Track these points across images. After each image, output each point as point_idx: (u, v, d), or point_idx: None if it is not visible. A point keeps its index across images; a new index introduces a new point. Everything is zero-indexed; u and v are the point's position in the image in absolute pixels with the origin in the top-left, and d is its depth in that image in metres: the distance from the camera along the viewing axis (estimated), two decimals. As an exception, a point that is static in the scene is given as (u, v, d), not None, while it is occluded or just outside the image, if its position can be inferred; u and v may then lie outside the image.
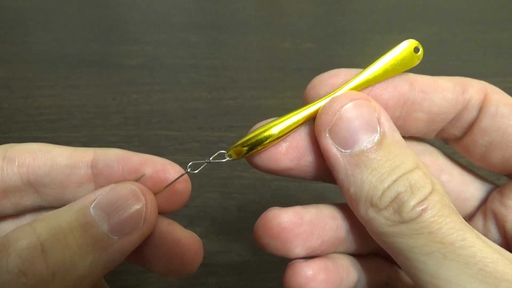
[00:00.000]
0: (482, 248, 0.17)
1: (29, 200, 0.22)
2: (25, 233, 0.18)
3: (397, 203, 0.18)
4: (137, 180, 0.21)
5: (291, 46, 0.69)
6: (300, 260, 0.23)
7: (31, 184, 0.22)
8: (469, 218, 0.24)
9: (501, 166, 0.22)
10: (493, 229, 0.23)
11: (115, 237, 0.20)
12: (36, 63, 0.63)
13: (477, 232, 0.18)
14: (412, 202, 0.18)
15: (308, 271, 0.22)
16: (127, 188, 0.21)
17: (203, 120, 0.53)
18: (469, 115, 0.22)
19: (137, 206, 0.20)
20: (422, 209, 0.18)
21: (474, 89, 0.22)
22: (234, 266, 0.38)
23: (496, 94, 0.22)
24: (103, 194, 0.20)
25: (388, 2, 0.85)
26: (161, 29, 0.72)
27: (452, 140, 0.24)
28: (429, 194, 0.18)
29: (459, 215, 0.18)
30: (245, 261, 0.38)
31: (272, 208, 0.23)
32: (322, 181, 0.24)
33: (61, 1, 0.81)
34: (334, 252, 0.24)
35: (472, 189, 0.24)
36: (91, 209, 0.20)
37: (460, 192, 0.24)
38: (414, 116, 0.22)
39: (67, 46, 0.67)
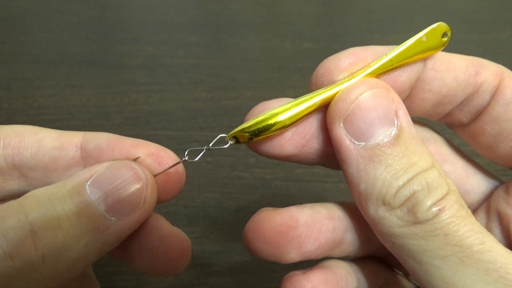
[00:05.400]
0: (503, 253, 0.16)
1: (14, 184, 0.20)
2: (12, 211, 0.17)
3: (412, 202, 0.17)
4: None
5: (291, 46, 0.69)
6: (298, 272, 0.22)
7: (16, 167, 0.20)
8: None
9: (508, 158, 0.21)
10: (496, 230, 0.22)
11: (112, 218, 0.18)
12: (36, 63, 0.63)
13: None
14: (429, 202, 0.17)
15: (307, 284, 0.21)
16: (127, 166, 0.19)
17: (203, 120, 0.53)
18: (480, 100, 0.20)
19: (137, 186, 0.19)
20: (439, 209, 0.16)
21: (489, 73, 0.20)
22: (234, 266, 0.38)
23: None
24: (100, 171, 0.19)
25: (388, 2, 0.85)
26: (161, 29, 0.72)
27: (458, 126, 0.22)
28: (446, 194, 0.17)
29: (475, 219, 0.17)
30: (245, 261, 0.38)
31: (264, 209, 0.21)
32: (322, 166, 0.22)
33: (61, 1, 0.81)
34: (330, 256, 0.23)
35: (474, 182, 0.23)
36: (86, 187, 0.18)
37: (461, 184, 0.23)
38: (422, 97, 0.20)
39: (67, 46, 0.67)
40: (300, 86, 0.58)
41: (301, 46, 0.69)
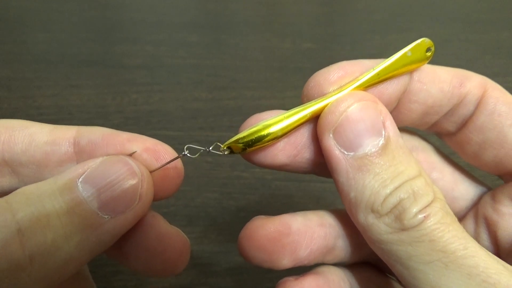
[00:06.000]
0: (485, 258, 0.16)
1: (4, 180, 0.20)
2: None
3: (399, 210, 0.17)
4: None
5: (291, 46, 0.69)
6: (291, 278, 0.22)
7: (7, 163, 0.19)
8: (458, 220, 0.24)
9: (493, 165, 0.22)
10: (484, 235, 0.22)
11: (106, 216, 0.17)
12: (36, 63, 0.63)
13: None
14: (415, 209, 0.17)
15: None
16: (121, 161, 0.18)
17: (203, 120, 0.53)
18: (465, 110, 0.21)
19: (132, 182, 0.18)
20: (424, 216, 0.17)
21: (473, 84, 0.21)
22: (234, 266, 0.38)
23: (496, 91, 0.21)
24: (93, 167, 0.18)
25: (388, 2, 0.85)
26: (161, 29, 0.72)
27: (445, 135, 0.23)
28: (431, 202, 0.17)
29: (460, 225, 0.18)
30: (245, 261, 0.38)
31: (257, 217, 0.22)
32: (315, 175, 0.23)
33: (61, 1, 0.81)
34: (322, 262, 0.23)
35: (462, 189, 0.24)
36: (78, 184, 0.17)
37: (449, 191, 0.24)
38: (409, 107, 0.21)
39: (67, 46, 0.67)
40: (300, 86, 0.57)
41: (301, 46, 0.69)
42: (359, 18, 0.80)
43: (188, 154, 0.21)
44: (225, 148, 0.21)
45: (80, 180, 0.18)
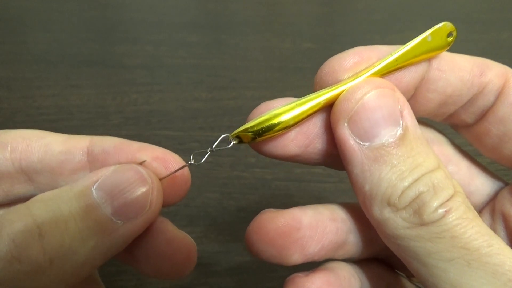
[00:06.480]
0: (511, 256, 0.16)
1: (21, 188, 0.21)
2: (20, 214, 0.17)
3: (418, 204, 0.17)
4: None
5: (291, 46, 0.69)
6: (300, 274, 0.21)
7: (24, 171, 0.20)
8: None
9: None
10: (501, 232, 0.21)
11: (119, 222, 0.18)
12: (36, 63, 0.63)
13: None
14: (435, 203, 0.16)
15: (310, 286, 0.21)
16: (133, 169, 0.19)
17: (203, 120, 0.53)
18: (485, 101, 0.20)
19: (143, 189, 0.19)
20: (445, 211, 0.16)
21: (494, 73, 0.20)
22: (234, 266, 0.38)
23: None
24: (106, 175, 0.19)
25: (388, 2, 0.85)
26: (161, 29, 0.72)
27: (462, 127, 0.22)
28: (452, 196, 0.17)
29: (482, 221, 0.17)
30: (245, 261, 0.38)
31: (266, 210, 0.21)
32: (325, 166, 0.22)
33: (61, 1, 0.81)
34: (333, 257, 0.22)
35: (479, 183, 0.23)
36: (93, 191, 0.18)
37: (466, 185, 0.23)
38: (426, 97, 0.20)
39: (67, 46, 0.67)
40: (300, 86, 0.58)
41: (301, 46, 0.69)
42: (359, 18, 0.80)
43: (193, 162, 0.21)
44: (233, 137, 0.20)
45: (94, 187, 0.18)
